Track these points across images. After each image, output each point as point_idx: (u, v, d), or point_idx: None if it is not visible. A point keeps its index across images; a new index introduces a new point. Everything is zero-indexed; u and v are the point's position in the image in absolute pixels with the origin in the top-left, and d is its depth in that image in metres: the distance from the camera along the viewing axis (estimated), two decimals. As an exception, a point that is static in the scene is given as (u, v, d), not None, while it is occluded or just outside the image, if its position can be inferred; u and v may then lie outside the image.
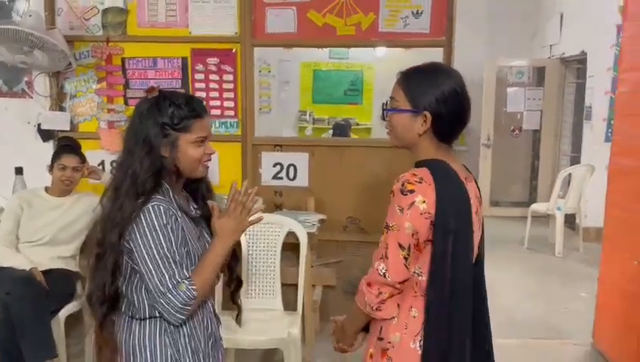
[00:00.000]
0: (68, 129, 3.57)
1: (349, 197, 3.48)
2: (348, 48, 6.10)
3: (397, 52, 3.89)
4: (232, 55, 3.46)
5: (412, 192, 1.36)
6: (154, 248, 1.46)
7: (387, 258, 1.37)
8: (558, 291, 4.56)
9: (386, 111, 1.51)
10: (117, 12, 3.50)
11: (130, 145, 1.53)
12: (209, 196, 1.68)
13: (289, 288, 3.02)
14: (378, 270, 1.38)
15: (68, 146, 3.01)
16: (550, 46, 7.06)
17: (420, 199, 1.36)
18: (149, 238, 1.46)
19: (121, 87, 3.56)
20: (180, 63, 3.50)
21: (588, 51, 6.08)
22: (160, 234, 1.47)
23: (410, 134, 1.46)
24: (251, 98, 3.50)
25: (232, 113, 3.51)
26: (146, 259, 1.46)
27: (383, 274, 1.37)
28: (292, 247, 3.03)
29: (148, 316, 1.54)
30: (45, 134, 3.59)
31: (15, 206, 2.94)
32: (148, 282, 1.47)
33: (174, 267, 1.47)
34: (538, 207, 5.83)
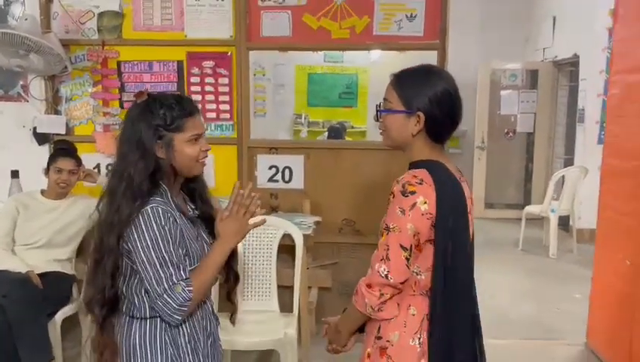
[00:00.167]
0: (63, 132, 3.57)
1: (345, 199, 3.50)
2: (343, 51, 6.12)
3: (391, 55, 3.92)
4: (228, 58, 3.47)
5: (413, 193, 1.39)
6: (151, 250, 1.47)
7: (389, 259, 1.39)
8: (552, 292, 4.59)
9: (380, 112, 1.53)
10: (112, 16, 3.51)
11: (124, 150, 1.54)
12: (206, 196, 1.69)
13: (285, 290, 3.04)
14: (379, 272, 1.39)
15: (64, 149, 3.03)
16: (543, 49, 7.11)
17: (422, 200, 1.38)
18: (147, 240, 1.47)
19: (116, 91, 3.57)
20: (176, 67, 3.52)
21: (580, 54, 6.13)
22: (158, 235, 1.48)
23: (403, 135, 1.49)
24: (247, 101, 3.52)
25: (228, 116, 3.53)
26: (144, 261, 1.47)
27: (385, 275, 1.39)
28: (288, 249, 3.05)
29: (148, 316, 1.55)
30: (41, 137, 3.59)
31: (11, 208, 2.94)
32: (146, 283, 1.49)
33: (171, 268, 1.48)
34: (532, 209, 5.87)
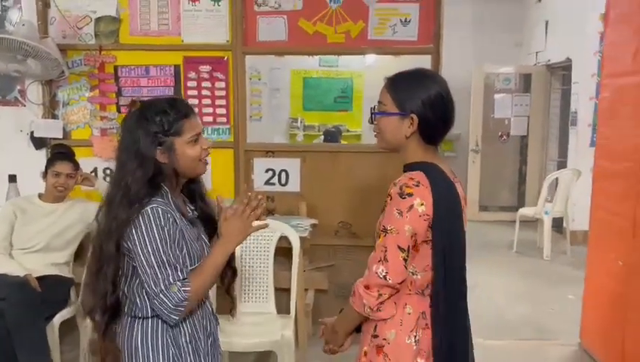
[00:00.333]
0: (60, 136, 3.59)
1: (341, 202, 3.53)
2: (338, 56, 6.18)
3: (386, 59, 3.96)
4: (224, 63, 3.51)
5: (410, 195, 1.42)
6: (150, 250, 1.49)
7: (387, 261, 1.42)
8: (546, 293, 4.63)
9: (374, 114, 1.57)
10: (109, 21, 3.54)
11: (122, 159, 1.56)
12: (206, 196, 1.72)
13: (282, 292, 3.06)
14: (377, 273, 1.42)
15: (62, 153, 3.04)
16: (536, 53, 7.18)
17: (419, 202, 1.42)
18: (146, 240, 1.49)
19: (113, 95, 3.59)
20: (173, 71, 3.54)
21: (572, 58, 6.20)
22: (157, 236, 1.50)
23: (397, 137, 1.52)
24: (243, 105, 3.55)
25: (225, 120, 3.55)
26: (143, 261, 1.50)
27: (384, 276, 1.42)
28: (284, 252, 3.07)
29: (150, 315, 1.57)
30: (38, 142, 3.61)
31: (9, 212, 2.96)
32: (144, 282, 1.51)
33: (169, 269, 1.50)
34: (526, 212, 5.92)
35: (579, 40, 5.96)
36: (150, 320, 1.58)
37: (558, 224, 6.07)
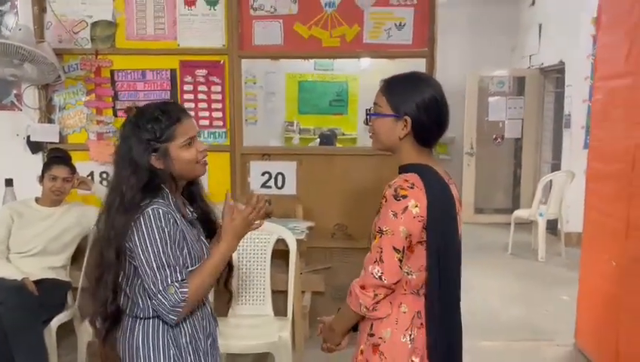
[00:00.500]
0: (57, 141, 3.60)
1: (337, 204, 3.56)
2: (333, 60, 6.20)
3: (381, 63, 3.99)
4: (220, 67, 3.53)
5: (405, 197, 1.45)
6: (150, 251, 1.51)
7: (382, 261, 1.44)
8: (541, 295, 4.66)
9: (370, 116, 1.60)
10: (106, 25, 3.56)
11: (118, 166, 1.58)
12: (205, 198, 1.74)
13: (279, 295, 3.07)
14: (373, 273, 1.45)
15: (59, 157, 3.05)
16: (529, 56, 7.24)
17: (413, 203, 1.44)
18: (147, 241, 1.51)
19: (109, 99, 3.60)
20: (169, 75, 3.56)
21: (566, 61, 6.25)
22: (158, 236, 1.52)
23: (391, 138, 1.55)
24: (239, 108, 3.57)
25: (221, 123, 3.57)
26: (143, 261, 1.51)
27: (379, 276, 1.44)
28: (281, 255, 3.09)
29: (151, 316, 1.59)
30: (34, 146, 3.61)
31: (6, 216, 2.96)
32: (144, 283, 1.53)
33: (168, 270, 1.51)
34: (521, 214, 5.95)
35: (572, 43, 6.02)
36: (151, 320, 1.59)
37: (553, 226, 6.11)
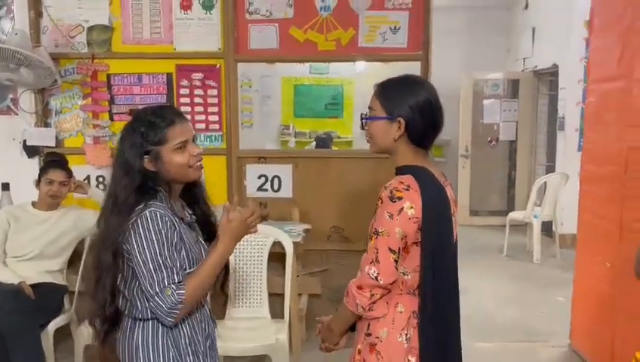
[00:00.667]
0: (53, 145, 3.60)
1: (333, 207, 3.57)
2: (328, 63, 6.23)
3: (376, 67, 4.01)
4: (216, 70, 3.54)
5: (400, 199, 1.47)
6: (147, 253, 1.52)
7: (378, 262, 1.46)
8: (536, 296, 4.69)
9: (365, 119, 1.62)
10: (102, 29, 3.57)
11: (114, 170, 1.61)
12: (206, 200, 1.75)
13: (276, 297, 3.09)
14: (369, 274, 1.47)
15: (55, 161, 3.06)
16: (523, 59, 7.29)
17: (408, 205, 1.46)
18: (144, 243, 1.52)
19: (106, 103, 3.61)
20: (165, 79, 3.57)
21: (559, 64, 6.29)
22: (155, 238, 1.53)
23: (387, 140, 1.57)
24: (235, 112, 3.58)
25: (217, 127, 3.58)
26: (140, 263, 1.53)
27: (375, 277, 1.46)
28: (278, 257, 3.10)
29: (150, 317, 1.59)
30: (31, 150, 3.62)
31: (2, 220, 2.96)
32: (141, 284, 1.54)
33: (164, 272, 1.52)
34: (516, 216, 5.98)
35: (565, 46, 6.06)
36: (150, 322, 1.60)
37: (548, 228, 6.14)
